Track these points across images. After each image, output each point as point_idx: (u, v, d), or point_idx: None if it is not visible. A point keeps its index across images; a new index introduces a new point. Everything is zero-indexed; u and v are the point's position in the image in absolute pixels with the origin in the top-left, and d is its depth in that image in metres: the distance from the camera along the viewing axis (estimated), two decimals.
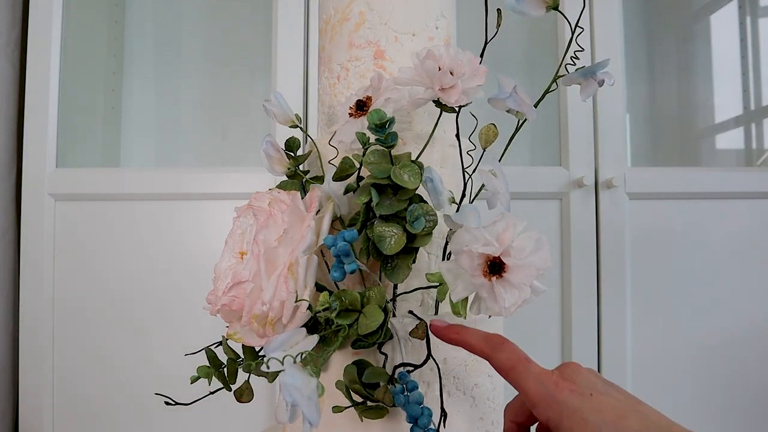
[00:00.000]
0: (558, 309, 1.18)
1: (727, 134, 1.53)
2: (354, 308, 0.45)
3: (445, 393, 0.50)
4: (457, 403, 0.51)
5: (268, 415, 1.11)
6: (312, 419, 0.35)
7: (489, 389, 0.53)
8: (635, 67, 1.51)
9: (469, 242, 0.40)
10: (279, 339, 0.38)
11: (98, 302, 1.14)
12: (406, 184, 0.46)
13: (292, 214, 0.47)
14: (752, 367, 1.19)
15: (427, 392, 0.49)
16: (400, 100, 0.48)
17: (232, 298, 0.46)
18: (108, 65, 1.40)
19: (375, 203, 0.46)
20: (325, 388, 0.39)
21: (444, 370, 0.49)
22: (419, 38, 0.58)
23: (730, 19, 1.50)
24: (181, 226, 1.15)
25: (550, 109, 1.23)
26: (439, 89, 0.46)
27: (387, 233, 0.46)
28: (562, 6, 1.34)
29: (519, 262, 0.39)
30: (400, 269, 0.47)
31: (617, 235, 1.18)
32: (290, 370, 0.36)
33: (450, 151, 0.55)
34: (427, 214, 0.46)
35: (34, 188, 1.15)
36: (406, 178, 0.46)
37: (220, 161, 1.44)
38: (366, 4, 0.60)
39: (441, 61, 0.47)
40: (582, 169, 1.18)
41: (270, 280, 0.44)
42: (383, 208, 0.46)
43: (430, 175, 0.46)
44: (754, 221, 1.20)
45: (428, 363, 0.46)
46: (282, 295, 0.43)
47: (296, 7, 1.17)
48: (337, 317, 0.44)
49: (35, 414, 1.12)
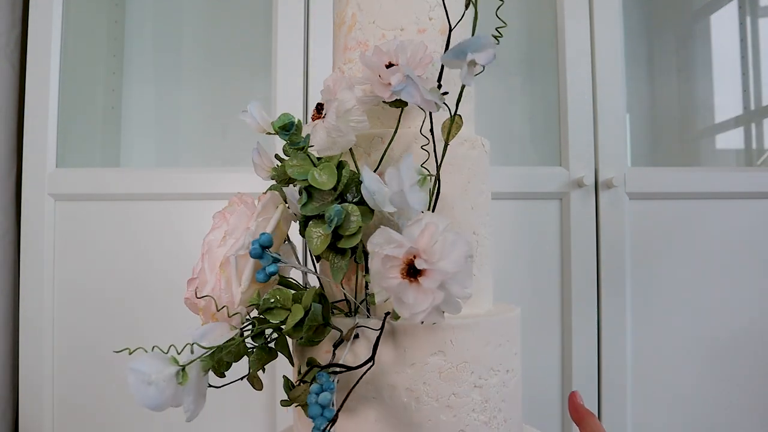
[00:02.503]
0: (558, 309, 1.18)
1: (727, 134, 1.53)
2: (285, 306, 0.46)
3: (413, 399, 0.49)
4: (427, 412, 0.49)
5: (267, 416, 1.11)
6: (145, 403, 0.38)
7: (476, 401, 0.51)
8: (635, 67, 1.51)
9: (380, 244, 0.40)
10: (201, 330, 0.44)
11: (98, 302, 1.14)
12: (320, 184, 0.47)
13: (240, 217, 0.50)
14: (752, 367, 1.19)
15: (393, 395, 0.49)
16: (348, 101, 0.49)
17: (191, 293, 0.51)
18: (108, 65, 1.40)
19: (301, 204, 0.48)
20: (187, 376, 0.41)
21: (411, 374, 0.49)
22: (407, 33, 0.58)
23: (730, 19, 1.50)
24: (181, 226, 1.15)
25: (550, 109, 1.23)
26: (381, 84, 0.47)
27: (314, 234, 0.48)
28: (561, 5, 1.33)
29: (429, 265, 0.38)
30: (337, 269, 0.48)
31: (617, 235, 1.18)
32: (143, 357, 0.39)
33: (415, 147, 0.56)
34: (351, 215, 0.47)
35: (34, 188, 1.15)
36: (323, 179, 0.47)
37: (220, 161, 1.44)
38: (357, 5, 0.61)
39: (388, 56, 0.47)
40: (582, 169, 1.18)
41: (210, 277, 0.49)
42: (307, 208, 0.48)
43: (363, 175, 0.46)
44: (754, 221, 1.20)
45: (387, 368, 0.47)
46: (216, 291, 0.48)
47: (296, 7, 1.17)
48: (267, 314, 0.46)
49: (35, 414, 1.12)
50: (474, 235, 0.58)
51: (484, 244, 0.59)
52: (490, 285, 0.61)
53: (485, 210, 0.60)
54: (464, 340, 0.51)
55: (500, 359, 0.53)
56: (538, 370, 1.17)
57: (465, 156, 0.57)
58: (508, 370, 0.54)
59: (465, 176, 0.57)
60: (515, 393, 0.56)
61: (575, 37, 1.20)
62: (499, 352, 0.53)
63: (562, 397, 1.17)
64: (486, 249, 0.60)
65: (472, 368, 0.51)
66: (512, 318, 0.56)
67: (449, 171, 0.56)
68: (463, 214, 0.57)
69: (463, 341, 0.51)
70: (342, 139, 0.49)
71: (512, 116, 1.41)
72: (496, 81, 1.39)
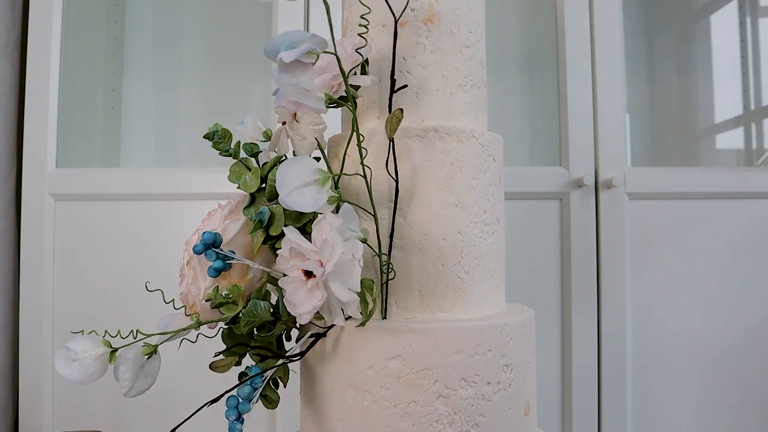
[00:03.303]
0: (558, 309, 1.18)
1: (727, 134, 1.53)
2: (235, 302, 0.51)
3: (372, 403, 0.48)
4: (386, 417, 0.48)
5: (267, 416, 1.11)
6: (68, 376, 0.46)
7: (442, 412, 0.48)
8: (635, 67, 1.51)
9: (283, 245, 0.43)
10: (166, 320, 0.53)
11: (98, 302, 1.14)
12: (246, 188, 0.52)
13: (214, 218, 0.54)
14: (753, 367, 1.19)
15: (355, 397, 0.49)
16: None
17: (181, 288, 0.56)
18: (108, 65, 1.39)
19: (245, 207, 0.53)
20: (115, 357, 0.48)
21: (371, 377, 0.48)
22: (390, 29, 0.56)
23: (730, 19, 1.50)
24: (180, 226, 1.14)
25: (550, 109, 1.23)
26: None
27: (256, 234, 0.53)
28: (561, 5, 1.33)
29: (314, 267, 0.41)
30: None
31: (617, 235, 1.17)
32: (77, 338, 0.48)
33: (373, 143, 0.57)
34: (277, 216, 0.51)
35: (34, 188, 1.15)
36: (251, 183, 0.52)
37: (220, 161, 1.43)
38: (348, 6, 0.61)
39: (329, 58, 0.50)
40: (582, 169, 1.18)
41: (186, 273, 0.54)
42: (248, 211, 0.53)
43: (276, 180, 0.49)
44: (754, 221, 1.20)
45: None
46: (184, 287, 0.54)
47: (296, 8, 1.17)
48: (223, 308, 0.51)
49: (35, 414, 1.12)
50: (458, 234, 0.54)
51: (474, 245, 0.55)
52: (486, 288, 0.57)
53: (480, 207, 0.56)
54: (425, 346, 0.48)
55: (477, 369, 0.50)
56: (538, 370, 1.16)
57: (446, 151, 0.54)
58: (490, 382, 0.50)
59: (446, 172, 0.54)
60: (502, 409, 0.51)
61: (575, 37, 1.20)
62: (475, 362, 0.50)
63: (562, 397, 1.17)
64: (478, 250, 0.55)
65: (435, 376, 0.48)
66: (493, 326, 0.51)
67: (426, 167, 0.53)
68: (444, 213, 0.54)
69: (423, 347, 0.48)
70: (305, 142, 0.52)
71: (512, 116, 1.41)
72: (496, 81, 1.39)
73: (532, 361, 0.57)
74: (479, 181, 0.56)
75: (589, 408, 1.16)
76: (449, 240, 0.54)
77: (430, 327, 0.50)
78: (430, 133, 0.54)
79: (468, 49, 0.58)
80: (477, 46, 0.59)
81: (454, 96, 0.57)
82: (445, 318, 0.53)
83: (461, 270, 0.54)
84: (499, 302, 0.59)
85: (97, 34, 1.37)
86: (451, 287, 0.54)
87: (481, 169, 0.56)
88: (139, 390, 0.49)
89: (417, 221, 0.54)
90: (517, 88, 1.42)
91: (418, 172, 0.53)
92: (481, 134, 0.56)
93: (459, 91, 0.57)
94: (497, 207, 0.58)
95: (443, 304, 0.54)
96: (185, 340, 0.55)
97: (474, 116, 0.59)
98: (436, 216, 0.54)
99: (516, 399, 0.53)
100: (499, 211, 0.58)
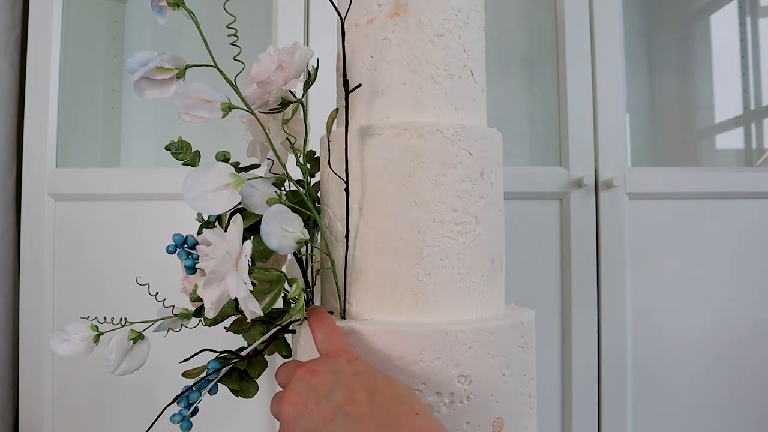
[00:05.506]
0: (558, 309, 1.18)
1: (727, 134, 1.53)
2: None
3: None
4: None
5: (267, 416, 1.11)
6: (58, 351, 0.53)
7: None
8: (635, 67, 1.51)
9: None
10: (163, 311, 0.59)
11: (98, 302, 1.14)
12: None
13: None
14: (753, 367, 1.19)
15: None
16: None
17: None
18: (108, 65, 1.40)
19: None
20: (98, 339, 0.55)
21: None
22: (361, 26, 0.57)
23: (730, 19, 1.50)
24: (181, 227, 1.15)
25: (550, 109, 1.23)
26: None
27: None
28: (561, 5, 1.33)
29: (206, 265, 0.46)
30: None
31: (617, 235, 1.18)
32: (73, 323, 0.54)
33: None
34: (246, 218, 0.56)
35: (34, 188, 1.15)
36: None
37: None
38: (340, 6, 0.62)
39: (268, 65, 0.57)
40: (582, 169, 1.18)
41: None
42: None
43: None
44: (754, 221, 1.20)
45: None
46: (183, 285, 0.61)
47: (296, 7, 1.17)
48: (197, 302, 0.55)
49: (35, 414, 1.12)
50: (418, 234, 0.51)
51: (438, 245, 0.51)
52: (457, 291, 0.52)
53: (448, 205, 0.52)
54: (365, 350, 0.47)
55: (423, 378, 0.46)
56: (537, 370, 1.16)
57: (405, 147, 0.51)
58: (440, 392, 0.47)
59: (405, 170, 0.51)
60: (456, 422, 0.47)
61: (575, 37, 1.20)
62: (420, 369, 0.46)
63: (562, 397, 1.17)
64: (444, 251, 0.51)
65: None
66: (441, 332, 0.47)
67: (383, 166, 0.51)
68: (403, 211, 0.51)
69: (364, 351, 0.47)
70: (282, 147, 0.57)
71: (512, 116, 1.41)
72: (496, 81, 1.39)
73: (511, 374, 0.52)
74: (446, 178, 0.52)
75: (589, 408, 1.16)
76: (407, 240, 0.51)
77: (371, 330, 0.47)
78: (387, 131, 0.51)
79: (442, 38, 0.54)
80: (458, 33, 0.55)
81: (423, 89, 0.53)
82: (396, 321, 0.50)
83: (421, 272, 0.51)
84: (480, 306, 0.54)
85: (97, 34, 1.37)
86: (410, 289, 0.51)
87: (448, 165, 0.52)
88: (126, 370, 0.56)
89: (374, 221, 0.52)
90: (517, 87, 1.42)
91: (375, 170, 0.52)
92: (448, 127, 0.52)
93: (429, 83, 0.54)
94: (475, 205, 0.53)
95: (401, 307, 0.51)
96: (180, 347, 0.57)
97: (451, 108, 0.54)
98: (392, 215, 0.51)
99: (477, 413, 0.48)
100: (480, 209, 0.53)
